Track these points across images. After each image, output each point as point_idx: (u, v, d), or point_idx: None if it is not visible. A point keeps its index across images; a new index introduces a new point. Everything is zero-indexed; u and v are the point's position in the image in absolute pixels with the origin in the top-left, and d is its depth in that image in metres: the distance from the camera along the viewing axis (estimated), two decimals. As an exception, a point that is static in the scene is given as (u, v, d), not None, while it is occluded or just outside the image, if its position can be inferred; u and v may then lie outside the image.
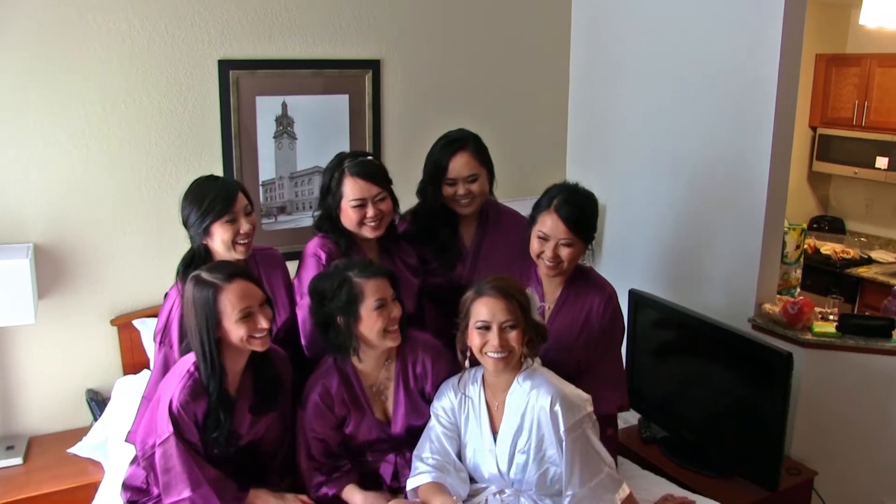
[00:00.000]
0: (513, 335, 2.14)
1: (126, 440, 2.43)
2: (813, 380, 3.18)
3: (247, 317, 2.11)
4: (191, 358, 2.18)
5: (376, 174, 2.50)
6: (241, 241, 2.38)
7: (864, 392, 3.14)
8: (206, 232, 2.37)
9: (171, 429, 2.11)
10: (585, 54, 4.15)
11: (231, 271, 2.15)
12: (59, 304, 3.16)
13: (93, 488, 2.74)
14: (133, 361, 3.27)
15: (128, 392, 3.02)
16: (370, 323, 2.22)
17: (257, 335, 2.14)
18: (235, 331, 2.11)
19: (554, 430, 2.14)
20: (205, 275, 2.13)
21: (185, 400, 2.11)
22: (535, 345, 2.21)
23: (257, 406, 2.26)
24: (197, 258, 2.38)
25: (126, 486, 2.30)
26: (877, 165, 5.22)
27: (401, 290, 2.33)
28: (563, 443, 2.13)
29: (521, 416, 2.19)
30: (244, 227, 2.39)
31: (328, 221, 2.53)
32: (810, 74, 5.49)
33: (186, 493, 2.10)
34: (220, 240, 2.36)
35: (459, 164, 2.62)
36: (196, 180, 2.46)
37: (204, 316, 2.09)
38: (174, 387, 2.14)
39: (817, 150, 5.64)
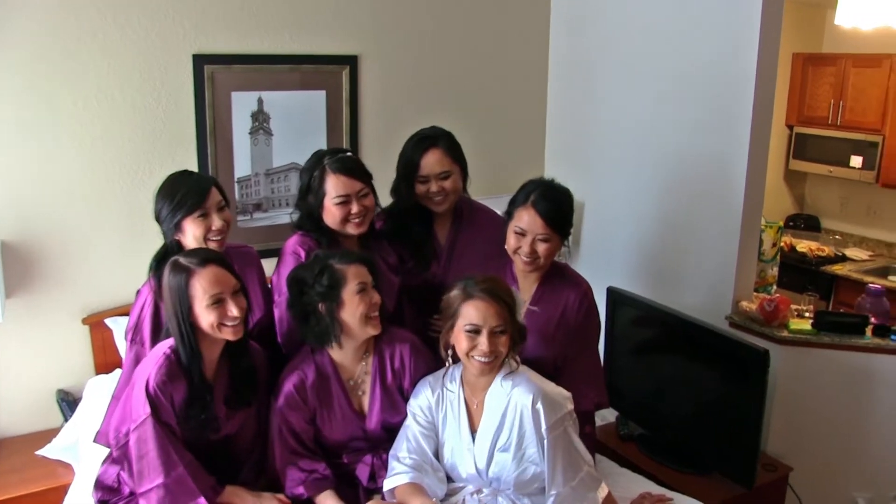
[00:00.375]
0: (502, 340, 2.13)
1: (94, 441, 2.39)
2: (789, 376, 3.19)
3: (217, 303, 2.10)
4: (166, 343, 2.16)
5: (358, 170, 2.49)
6: (214, 238, 2.36)
7: (838, 388, 3.17)
8: (178, 227, 2.34)
9: (148, 410, 2.08)
10: (564, 52, 4.15)
11: (206, 256, 2.14)
12: (28, 303, 3.10)
13: (62, 491, 2.69)
14: (105, 361, 3.23)
15: (100, 392, 2.97)
16: (352, 307, 2.21)
17: (228, 323, 2.12)
18: (205, 316, 2.09)
19: (535, 428, 2.13)
20: (182, 259, 2.13)
21: (161, 380, 2.09)
22: (517, 345, 2.20)
23: (232, 398, 2.24)
24: (169, 254, 2.34)
25: (98, 485, 2.27)
26: (851, 164, 5.27)
27: (380, 281, 2.32)
28: (545, 441, 2.13)
29: (501, 415, 2.18)
30: (216, 223, 2.36)
31: (309, 221, 2.50)
32: (787, 73, 5.53)
33: (159, 480, 2.07)
34: (191, 235, 2.34)
35: (431, 161, 2.60)
36: (170, 175, 2.43)
37: (177, 300, 2.09)
38: (149, 369, 2.12)
39: (794, 148, 5.69)
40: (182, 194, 2.33)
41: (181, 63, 3.26)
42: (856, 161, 5.23)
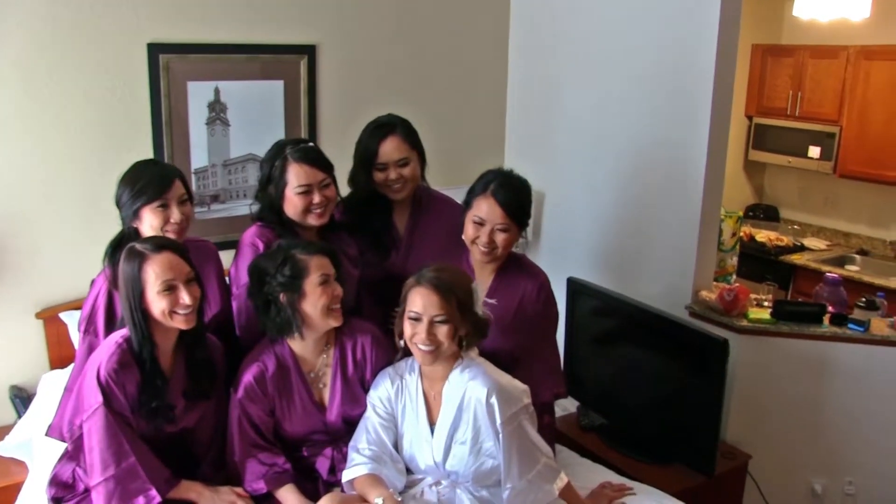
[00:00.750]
0: (442, 330, 2.11)
1: (47, 434, 2.34)
2: (748, 365, 3.23)
3: (169, 290, 2.06)
4: (119, 333, 2.13)
5: (320, 160, 2.46)
6: (171, 231, 2.32)
7: (796, 377, 3.21)
8: (136, 215, 2.31)
9: (99, 399, 2.04)
10: (524, 42, 4.14)
11: (162, 243, 2.12)
12: (-22, 298, 3.03)
13: (15, 489, 2.64)
14: (60, 356, 3.17)
15: (54, 388, 2.91)
16: (314, 299, 2.19)
17: (180, 311, 2.08)
18: (157, 303, 2.06)
19: (490, 421, 2.12)
20: (137, 245, 2.10)
21: (113, 368, 2.06)
22: (472, 339, 2.19)
23: (190, 390, 2.21)
24: (126, 241, 2.31)
25: (52, 481, 2.23)
26: (809, 155, 5.34)
27: (342, 274, 2.30)
28: (500, 435, 2.12)
29: (458, 408, 2.17)
30: (175, 215, 2.33)
31: (270, 212, 2.47)
32: (746, 64, 5.58)
33: (111, 471, 2.04)
34: (149, 225, 2.31)
35: (389, 148, 2.59)
36: (136, 162, 2.40)
37: (130, 285, 2.06)
38: (101, 358, 2.08)
39: (753, 139, 5.75)
40: (144, 182, 2.30)
41: (136, 51, 3.19)
42: (814, 152, 5.30)
